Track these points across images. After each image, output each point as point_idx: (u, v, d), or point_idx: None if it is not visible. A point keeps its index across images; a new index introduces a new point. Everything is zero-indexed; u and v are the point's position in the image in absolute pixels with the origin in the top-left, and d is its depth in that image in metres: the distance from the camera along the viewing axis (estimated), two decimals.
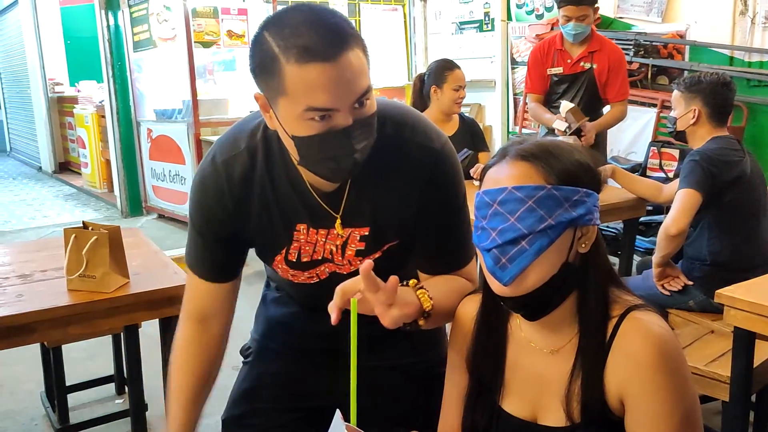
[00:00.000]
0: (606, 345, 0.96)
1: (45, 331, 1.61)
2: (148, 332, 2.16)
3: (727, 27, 4.24)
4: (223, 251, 1.24)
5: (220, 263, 1.26)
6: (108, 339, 2.71)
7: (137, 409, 2.08)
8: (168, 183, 5.84)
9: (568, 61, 3.40)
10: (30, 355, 2.79)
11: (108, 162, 7.05)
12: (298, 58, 0.96)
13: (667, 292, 2.29)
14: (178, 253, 3.50)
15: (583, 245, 0.97)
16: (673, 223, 2.13)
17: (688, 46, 4.48)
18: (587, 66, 3.38)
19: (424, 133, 1.19)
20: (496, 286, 0.97)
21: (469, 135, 3.21)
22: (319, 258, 1.24)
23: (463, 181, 1.26)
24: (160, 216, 6.12)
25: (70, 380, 2.56)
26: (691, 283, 2.27)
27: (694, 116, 2.27)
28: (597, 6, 3.34)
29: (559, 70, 3.44)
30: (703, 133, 2.29)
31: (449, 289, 1.17)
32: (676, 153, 3.99)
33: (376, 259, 1.24)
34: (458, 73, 3.12)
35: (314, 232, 1.21)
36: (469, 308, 1.11)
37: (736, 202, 2.22)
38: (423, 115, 1.24)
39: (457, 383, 1.13)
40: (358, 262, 1.24)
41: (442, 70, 3.12)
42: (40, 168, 10.05)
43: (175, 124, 5.65)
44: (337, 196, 1.18)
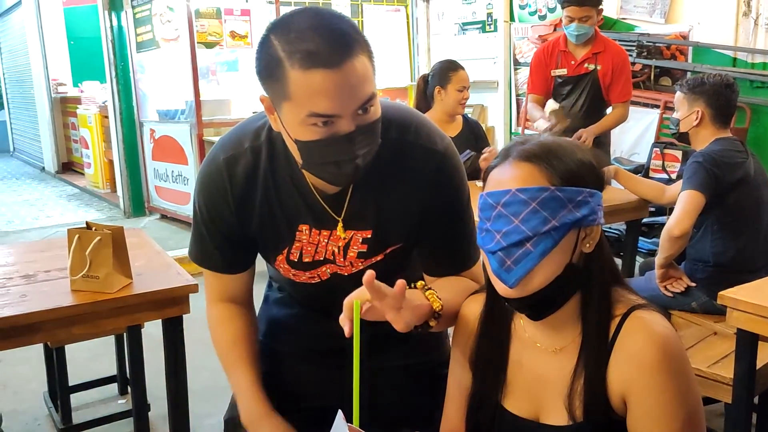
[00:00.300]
0: (609, 344, 0.96)
1: (48, 331, 1.61)
2: (151, 333, 2.16)
3: (731, 28, 4.23)
4: (231, 248, 1.25)
5: (231, 259, 1.28)
6: (111, 339, 2.71)
7: (140, 410, 2.08)
8: (171, 183, 5.84)
9: (572, 63, 3.39)
10: (33, 355, 2.80)
11: (111, 162, 7.06)
12: (302, 64, 0.96)
13: (670, 294, 2.29)
14: (181, 253, 3.51)
15: (587, 245, 0.97)
16: (676, 224, 2.13)
17: (691, 48, 4.48)
18: (591, 67, 3.37)
19: (427, 135, 1.19)
20: (501, 288, 0.97)
21: (473, 136, 3.20)
22: (321, 259, 1.24)
23: (467, 183, 1.26)
24: (163, 216, 6.12)
25: (73, 380, 2.56)
26: (693, 285, 2.27)
27: (697, 118, 2.27)
28: (600, 8, 3.33)
29: (563, 71, 3.43)
30: (706, 134, 2.29)
31: (457, 291, 1.17)
32: (679, 154, 3.98)
33: (378, 261, 1.24)
34: (462, 74, 3.09)
35: (316, 233, 1.21)
36: (473, 308, 1.12)
37: (740, 203, 2.21)
38: (426, 118, 1.24)
39: (459, 382, 1.13)
40: (360, 264, 1.25)
41: (446, 71, 3.09)
42: (43, 168, 10.06)
43: (177, 125, 5.65)
44: (340, 199, 1.18)
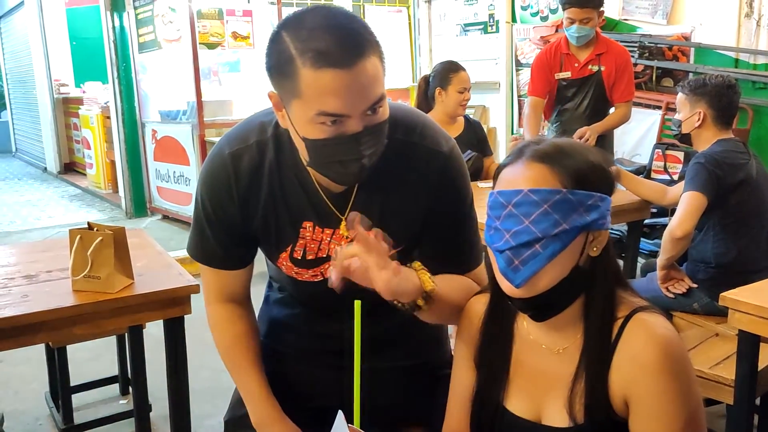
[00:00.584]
0: (611, 346, 0.96)
1: (50, 331, 1.61)
2: (153, 333, 2.16)
3: (733, 29, 4.23)
4: (232, 243, 1.25)
5: (231, 254, 1.27)
6: (112, 339, 2.71)
7: (141, 410, 2.08)
8: (172, 184, 5.84)
9: (576, 65, 3.38)
10: (35, 355, 2.80)
11: (113, 163, 7.07)
12: (313, 63, 0.96)
13: (672, 295, 2.28)
14: (183, 254, 3.48)
15: (595, 249, 0.97)
16: (678, 225, 2.13)
17: (693, 49, 4.47)
18: (595, 69, 3.36)
19: (433, 137, 1.19)
20: (507, 287, 0.97)
21: (474, 137, 3.19)
22: (324, 256, 1.24)
23: (471, 185, 1.26)
24: (165, 217, 6.13)
25: (74, 380, 2.57)
26: (695, 286, 2.26)
27: (699, 119, 2.27)
28: (602, 9, 3.32)
29: (567, 74, 3.41)
30: (708, 135, 2.28)
31: (454, 285, 1.17)
32: (680, 155, 3.98)
33: None
34: (463, 76, 3.07)
35: (320, 231, 1.21)
36: (478, 307, 1.12)
37: (742, 204, 2.21)
38: (432, 119, 1.24)
39: (463, 381, 1.13)
40: None
41: (447, 72, 3.07)
42: (46, 169, 10.08)
43: (179, 125, 5.65)
44: (344, 198, 1.18)
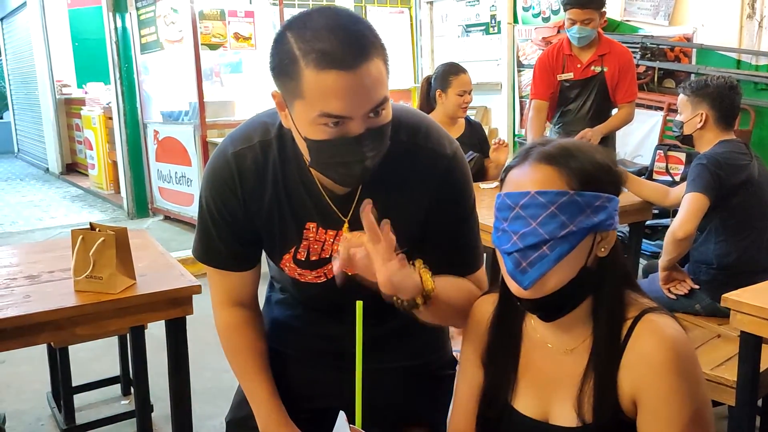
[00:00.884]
0: (620, 346, 0.96)
1: (52, 331, 1.61)
2: (154, 333, 2.16)
3: (735, 30, 4.23)
4: (237, 243, 1.24)
5: (237, 254, 1.26)
6: (114, 340, 2.72)
7: (143, 410, 2.09)
8: (174, 185, 5.85)
9: (579, 66, 3.38)
10: (37, 356, 2.80)
11: (115, 163, 7.08)
12: (317, 64, 0.96)
13: (674, 296, 2.28)
14: (185, 254, 3.52)
15: (602, 249, 0.97)
16: (680, 227, 2.13)
17: (695, 49, 4.47)
18: (598, 70, 3.36)
19: (436, 139, 1.19)
20: (515, 288, 0.97)
21: (476, 138, 3.19)
22: (327, 257, 1.24)
23: (473, 188, 1.26)
24: (166, 217, 6.13)
25: (76, 381, 2.57)
26: (697, 287, 2.26)
27: (701, 120, 2.26)
28: (603, 10, 3.32)
29: (569, 75, 3.40)
30: (710, 136, 2.28)
31: (454, 286, 1.17)
32: (682, 156, 3.97)
33: None
34: (463, 78, 3.05)
35: (323, 232, 1.21)
36: (486, 306, 1.12)
37: (744, 205, 2.21)
38: (435, 122, 1.24)
39: (469, 380, 1.13)
40: None
41: (447, 75, 3.06)
42: (48, 169, 10.09)
43: (181, 126, 5.66)
44: (347, 200, 1.18)
